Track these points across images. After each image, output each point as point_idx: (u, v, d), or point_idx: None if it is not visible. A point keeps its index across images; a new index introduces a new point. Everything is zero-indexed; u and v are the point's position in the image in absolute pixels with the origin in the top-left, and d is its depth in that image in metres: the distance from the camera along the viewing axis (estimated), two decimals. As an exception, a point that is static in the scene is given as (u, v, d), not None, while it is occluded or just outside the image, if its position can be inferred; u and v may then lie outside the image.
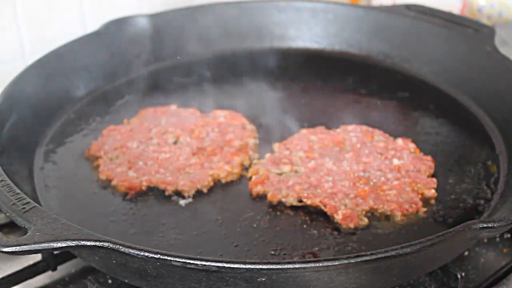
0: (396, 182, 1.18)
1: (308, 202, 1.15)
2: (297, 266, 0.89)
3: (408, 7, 1.55)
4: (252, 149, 1.28)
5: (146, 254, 0.90)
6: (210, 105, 1.41)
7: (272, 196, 1.16)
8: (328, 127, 1.33)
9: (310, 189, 1.17)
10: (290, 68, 1.53)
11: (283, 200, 1.16)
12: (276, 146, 1.29)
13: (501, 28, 1.63)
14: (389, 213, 1.13)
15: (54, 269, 1.16)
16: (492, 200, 1.16)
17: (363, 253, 0.90)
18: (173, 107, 1.39)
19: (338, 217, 1.12)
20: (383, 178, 1.19)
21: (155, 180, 1.20)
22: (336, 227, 1.12)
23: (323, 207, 1.14)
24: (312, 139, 1.29)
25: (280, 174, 1.21)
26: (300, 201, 1.16)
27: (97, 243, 0.90)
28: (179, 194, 1.19)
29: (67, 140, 1.32)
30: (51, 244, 0.89)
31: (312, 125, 1.35)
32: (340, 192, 1.16)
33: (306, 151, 1.26)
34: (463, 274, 1.07)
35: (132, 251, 0.90)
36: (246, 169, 1.25)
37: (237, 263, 0.89)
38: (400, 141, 1.28)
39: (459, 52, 1.44)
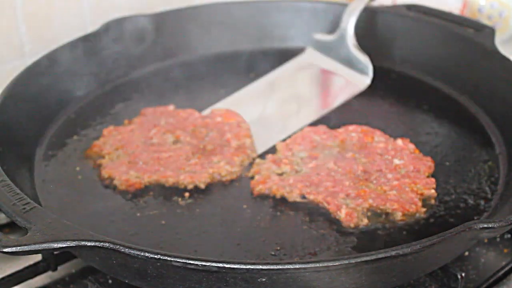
0: (396, 182, 1.18)
1: (311, 197, 1.15)
2: (297, 266, 0.89)
3: (408, 7, 1.54)
4: (249, 148, 1.28)
5: (146, 254, 0.90)
6: (210, 105, 1.41)
7: (276, 190, 1.17)
8: (329, 127, 1.33)
9: (312, 187, 1.17)
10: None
11: (286, 195, 1.16)
12: (278, 145, 1.29)
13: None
14: (390, 212, 1.13)
15: (55, 269, 1.16)
16: (492, 200, 1.16)
17: (363, 253, 0.91)
18: (171, 107, 1.39)
19: (341, 215, 1.12)
20: (383, 179, 1.19)
21: (156, 176, 1.20)
22: (336, 227, 1.12)
23: (326, 205, 1.14)
24: (314, 138, 1.29)
25: (281, 174, 1.22)
26: (304, 197, 1.16)
27: (97, 243, 0.90)
28: (179, 194, 1.19)
29: (67, 140, 1.32)
30: (51, 244, 0.89)
31: (312, 125, 1.35)
32: (341, 191, 1.16)
33: (308, 151, 1.26)
34: (463, 274, 1.07)
35: (132, 251, 0.90)
36: (246, 169, 1.25)
37: (237, 263, 0.89)
38: (399, 141, 1.28)
39: (459, 52, 1.44)
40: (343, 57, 1.48)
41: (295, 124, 1.35)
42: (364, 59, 1.46)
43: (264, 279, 0.90)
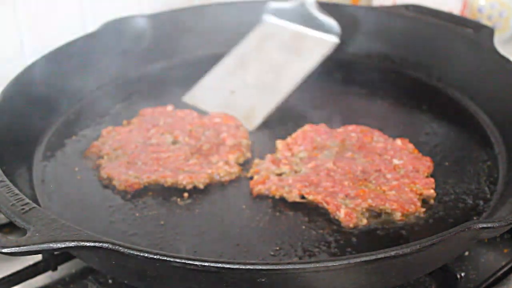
0: (395, 183, 1.18)
1: (310, 197, 1.15)
2: (297, 266, 0.89)
3: (408, 7, 1.55)
4: (245, 148, 1.29)
5: (146, 254, 0.89)
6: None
7: (276, 190, 1.17)
8: (328, 127, 1.33)
9: (311, 187, 1.17)
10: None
11: (285, 195, 1.16)
12: (279, 144, 1.29)
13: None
14: (389, 212, 1.13)
15: (55, 269, 1.16)
16: (491, 200, 1.16)
17: (363, 254, 0.90)
18: (170, 107, 1.39)
19: (340, 215, 1.12)
20: (382, 179, 1.19)
21: (155, 176, 1.20)
22: (335, 228, 1.12)
23: (325, 205, 1.14)
24: (313, 138, 1.29)
25: (280, 174, 1.22)
26: (303, 197, 1.16)
27: (97, 244, 0.90)
28: (178, 194, 1.19)
29: (67, 140, 1.32)
30: (50, 245, 0.89)
31: (312, 124, 1.35)
32: (341, 192, 1.16)
33: (308, 150, 1.26)
34: (463, 274, 1.08)
35: (131, 251, 0.90)
36: (246, 169, 1.25)
37: (237, 263, 0.89)
38: (399, 141, 1.28)
39: (459, 52, 1.44)
40: (306, 21, 1.48)
41: (280, 92, 1.37)
42: (329, 19, 1.46)
43: (263, 280, 0.90)
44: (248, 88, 1.39)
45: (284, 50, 1.48)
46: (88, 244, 0.90)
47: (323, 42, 1.46)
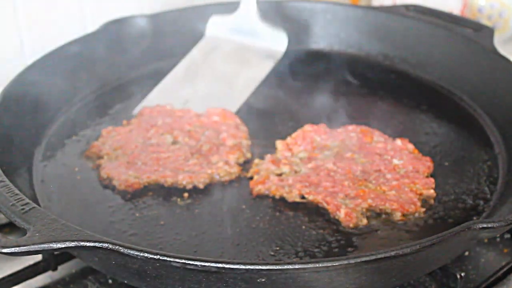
0: (395, 183, 1.18)
1: (310, 197, 1.15)
2: (296, 266, 0.89)
3: (408, 7, 1.55)
4: (245, 148, 1.29)
5: (146, 254, 0.90)
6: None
7: (276, 190, 1.17)
8: (328, 127, 1.33)
9: (312, 187, 1.17)
10: (288, 68, 1.53)
11: (285, 195, 1.16)
12: (278, 144, 1.29)
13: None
14: (389, 212, 1.13)
15: (55, 269, 1.16)
16: (491, 201, 1.16)
17: (363, 253, 0.91)
18: (168, 106, 1.39)
19: (340, 215, 1.12)
20: (382, 179, 1.19)
21: (155, 176, 1.20)
22: (335, 228, 1.12)
23: (325, 205, 1.14)
24: (313, 138, 1.29)
25: (280, 175, 1.22)
26: (303, 197, 1.16)
27: (97, 244, 0.90)
28: (178, 194, 1.19)
29: (67, 140, 1.32)
30: (50, 245, 0.89)
31: (312, 124, 1.35)
32: (341, 192, 1.16)
33: (308, 150, 1.26)
34: (463, 274, 1.07)
35: (131, 251, 0.90)
36: (246, 169, 1.25)
37: (237, 263, 0.89)
38: (399, 141, 1.28)
39: (459, 52, 1.44)
40: (250, 32, 1.48)
41: (234, 102, 1.38)
42: (274, 29, 1.46)
43: (263, 280, 0.90)
44: (202, 98, 1.38)
45: (230, 62, 1.48)
46: (88, 244, 0.90)
47: (268, 52, 1.46)
